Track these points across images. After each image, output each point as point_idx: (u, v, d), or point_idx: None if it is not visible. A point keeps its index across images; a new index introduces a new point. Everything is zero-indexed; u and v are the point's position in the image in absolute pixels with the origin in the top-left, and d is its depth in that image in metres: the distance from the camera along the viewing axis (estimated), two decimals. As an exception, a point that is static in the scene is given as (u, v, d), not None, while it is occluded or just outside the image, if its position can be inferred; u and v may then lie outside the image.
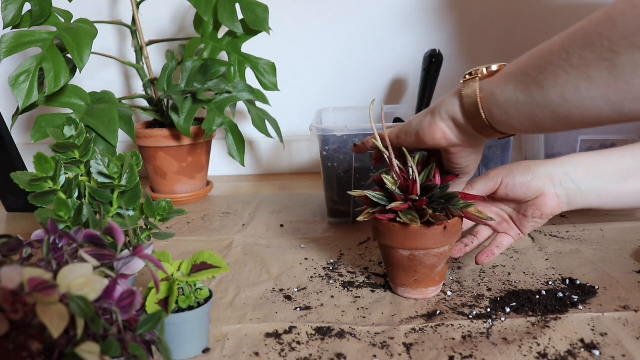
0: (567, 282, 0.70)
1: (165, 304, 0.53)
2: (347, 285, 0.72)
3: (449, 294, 0.68)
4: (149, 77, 1.12)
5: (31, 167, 1.14)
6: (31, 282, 0.37)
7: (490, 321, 0.61)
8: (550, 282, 0.70)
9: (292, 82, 1.27)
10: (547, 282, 0.70)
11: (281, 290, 0.71)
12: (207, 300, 0.57)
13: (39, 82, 0.93)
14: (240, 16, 1.08)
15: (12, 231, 0.99)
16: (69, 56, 0.96)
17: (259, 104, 1.15)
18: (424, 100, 1.04)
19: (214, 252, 0.57)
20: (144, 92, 1.14)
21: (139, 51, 1.11)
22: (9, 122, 1.05)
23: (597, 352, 0.54)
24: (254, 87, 1.08)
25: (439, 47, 1.21)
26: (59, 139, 0.64)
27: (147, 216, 0.66)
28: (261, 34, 1.10)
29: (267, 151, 1.34)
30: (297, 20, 1.26)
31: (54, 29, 0.96)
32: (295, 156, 1.34)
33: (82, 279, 0.40)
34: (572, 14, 1.21)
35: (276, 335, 0.60)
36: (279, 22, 1.21)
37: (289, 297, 0.69)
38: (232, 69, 1.08)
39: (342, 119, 1.11)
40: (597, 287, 0.68)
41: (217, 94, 1.05)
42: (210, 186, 1.17)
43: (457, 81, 0.58)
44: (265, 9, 1.07)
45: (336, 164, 0.90)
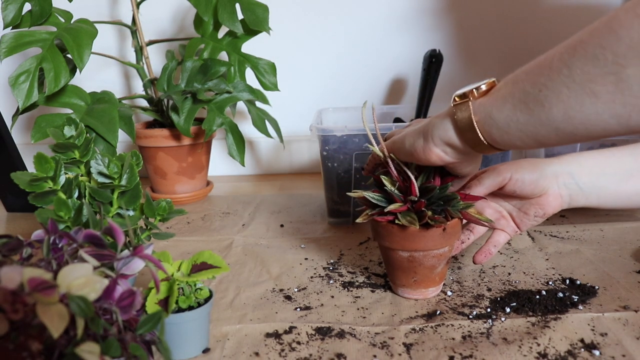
0: (567, 282, 0.70)
1: (165, 304, 0.53)
2: (347, 285, 0.72)
3: (449, 294, 0.68)
4: (149, 77, 1.12)
5: (31, 167, 1.14)
6: (31, 282, 0.37)
7: (490, 321, 0.61)
8: (550, 282, 0.70)
9: (292, 82, 1.27)
10: (547, 282, 0.70)
11: (281, 290, 0.71)
12: (207, 300, 0.57)
13: (39, 82, 0.93)
14: (240, 16, 1.08)
15: (12, 231, 0.99)
16: (69, 56, 0.96)
17: (259, 104, 1.15)
18: (424, 100, 1.04)
19: (214, 252, 0.57)
20: (144, 92, 1.14)
21: (139, 51, 1.11)
22: (9, 122, 1.05)
23: (597, 352, 0.54)
24: (254, 87, 1.08)
25: (438, 47, 1.21)
26: (59, 139, 0.64)
27: (147, 216, 0.66)
28: (261, 34, 1.10)
29: (267, 151, 1.34)
30: (297, 20, 1.26)
31: (54, 29, 0.96)
32: (295, 156, 1.34)
33: (82, 279, 0.40)
34: (570, 14, 1.21)
35: (276, 335, 0.60)
36: (279, 22, 1.21)
37: (289, 297, 0.69)
38: (232, 69, 1.08)
39: (342, 119, 1.11)
40: (597, 287, 0.68)
41: (217, 94, 1.05)
42: (210, 186, 1.17)
43: (457, 81, 0.57)
44: (265, 9, 1.07)
45: (336, 164, 0.90)
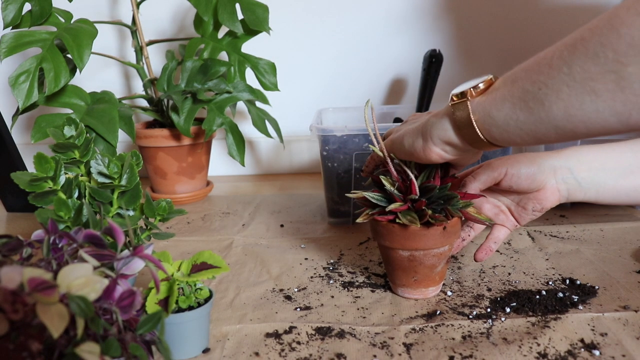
0: (567, 282, 0.70)
1: (165, 304, 0.53)
2: (347, 285, 0.72)
3: (449, 294, 0.68)
4: (149, 77, 1.12)
5: (31, 167, 1.14)
6: (31, 282, 0.37)
7: (490, 321, 0.61)
8: (550, 282, 0.70)
9: (292, 82, 1.28)
10: (547, 282, 0.70)
11: (281, 290, 0.71)
12: (207, 300, 0.57)
13: (39, 82, 0.93)
14: (240, 16, 1.08)
15: (12, 231, 0.99)
16: (69, 56, 0.96)
17: (259, 104, 1.15)
18: (424, 100, 1.04)
19: (214, 252, 0.57)
20: (144, 92, 1.14)
21: (139, 51, 1.11)
22: (9, 122, 1.05)
23: (597, 352, 0.54)
24: (254, 87, 1.08)
25: (438, 47, 1.21)
26: (59, 139, 0.64)
27: (147, 216, 0.66)
28: (261, 34, 1.10)
29: (267, 151, 1.34)
30: (297, 20, 1.26)
31: (54, 29, 0.96)
32: (295, 156, 1.34)
33: (82, 279, 0.40)
34: (570, 14, 1.21)
35: (276, 335, 0.60)
36: (279, 22, 1.21)
37: (289, 297, 0.69)
38: (232, 69, 1.08)
39: (342, 119, 1.11)
40: (597, 287, 0.68)
41: (217, 94, 1.05)
42: (210, 186, 1.17)
43: (457, 81, 0.57)
44: (265, 9, 1.07)
45: (336, 164, 0.90)
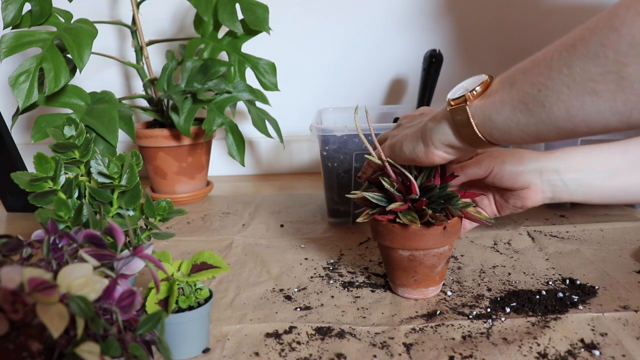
0: (567, 282, 0.70)
1: (165, 304, 0.53)
2: (347, 285, 0.72)
3: (449, 294, 0.68)
4: (149, 77, 1.12)
5: (31, 167, 1.14)
6: (31, 282, 0.37)
7: (490, 321, 0.61)
8: (550, 282, 0.70)
9: (292, 82, 1.27)
10: (547, 282, 0.70)
11: (281, 290, 0.71)
12: (207, 300, 0.57)
13: (39, 82, 0.93)
14: (240, 16, 1.08)
15: (12, 231, 0.99)
16: (69, 56, 0.96)
17: (259, 104, 1.15)
18: (424, 100, 1.04)
19: (214, 252, 0.57)
20: (144, 92, 1.14)
21: (139, 51, 1.11)
22: (9, 122, 1.05)
23: (597, 352, 0.54)
24: (254, 87, 1.08)
25: (438, 47, 1.21)
26: (59, 139, 0.64)
27: (147, 216, 0.66)
28: (261, 34, 1.10)
29: (267, 151, 1.34)
30: (297, 20, 1.26)
31: (54, 29, 0.96)
32: (295, 156, 1.34)
33: (82, 279, 0.40)
34: (570, 14, 1.21)
35: (276, 335, 0.60)
36: (279, 22, 1.21)
37: (289, 297, 0.69)
38: (232, 69, 1.08)
39: (342, 119, 1.11)
40: (597, 287, 0.68)
41: (217, 94, 1.05)
42: (210, 186, 1.17)
43: (457, 81, 0.57)
44: (265, 9, 1.07)
45: (336, 164, 0.90)
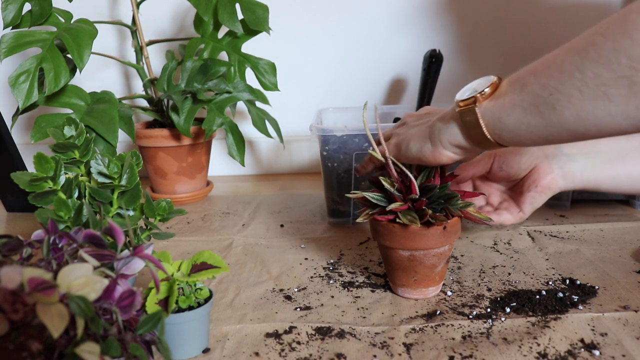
0: (567, 282, 0.70)
1: (165, 304, 0.53)
2: (347, 285, 0.72)
3: (449, 294, 0.68)
4: (149, 77, 1.12)
5: (31, 167, 1.14)
6: (31, 282, 0.37)
7: (490, 321, 0.61)
8: (550, 282, 0.70)
9: (292, 82, 1.27)
10: (547, 282, 0.70)
11: (281, 290, 0.71)
12: (207, 300, 0.57)
13: (39, 82, 0.93)
14: (240, 16, 1.08)
15: (12, 231, 0.99)
16: (69, 56, 0.96)
17: (259, 104, 1.15)
18: (424, 100, 1.04)
19: (214, 252, 0.57)
20: (144, 92, 1.14)
21: (139, 51, 1.11)
22: (9, 122, 1.05)
23: (597, 352, 0.54)
24: (254, 87, 1.08)
25: (439, 47, 1.21)
26: (59, 139, 0.64)
27: (147, 216, 0.66)
28: (261, 34, 1.10)
29: (267, 151, 1.34)
30: (297, 20, 1.26)
31: (54, 29, 0.96)
32: (295, 156, 1.34)
33: (82, 279, 0.40)
34: (570, 14, 1.21)
35: (276, 335, 0.60)
36: (279, 22, 1.21)
37: (289, 297, 0.69)
38: (232, 69, 1.08)
39: (342, 119, 1.11)
40: (597, 287, 0.68)
41: (217, 94, 1.05)
42: (210, 186, 1.17)
43: (457, 81, 0.57)
44: (265, 9, 1.07)
45: (336, 164, 0.90)
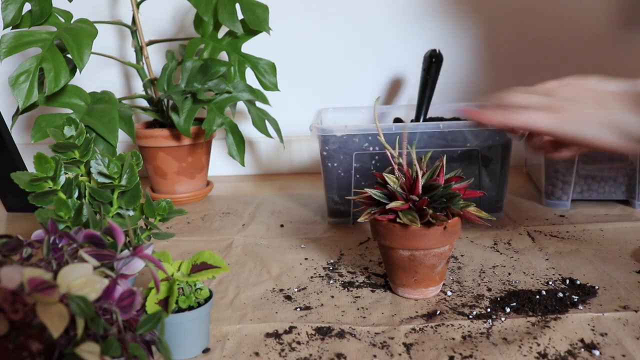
0: (567, 282, 0.70)
1: (165, 304, 0.53)
2: (347, 285, 0.72)
3: (449, 294, 0.68)
4: (149, 77, 1.12)
5: (31, 167, 1.14)
6: (31, 282, 0.37)
7: (490, 321, 0.61)
8: (550, 282, 0.70)
9: (292, 82, 1.27)
10: (547, 282, 0.70)
11: (281, 290, 0.71)
12: (207, 300, 0.57)
13: (39, 82, 0.93)
14: (240, 16, 1.08)
15: (12, 231, 0.99)
16: (69, 56, 0.96)
17: (259, 104, 1.15)
18: (424, 100, 1.04)
19: (214, 252, 0.57)
20: (144, 92, 1.14)
21: (139, 51, 1.11)
22: (9, 122, 1.05)
23: (597, 352, 0.54)
24: (254, 87, 1.08)
25: (439, 47, 1.21)
26: (59, 139, 0.64)
27: (147, 216, 0.66)
28: (261, 34, 1.10)
29: (267, 151, 1.34)
30: (297, 20, 1.26)
31: (54, 29, 0.96)
32: (295, 156, 1.34)
33: (82, 279, 0.40)
34: (571, 13, 1.21)
35: (276, 335, 0.60)
36: (279, 22, 1.21)
37: (289, 297, 0.69)
38: (232, 69, 1.08)
39: (342, 119, 1.11)
40: (597, 287, 0.68)
41: (217, 94, 1.05)
42: (210, 186, 1.17)
43: (458, 81, 0.57)
44: (265, 9, 1.07)
45: (336, 164, 0.90)
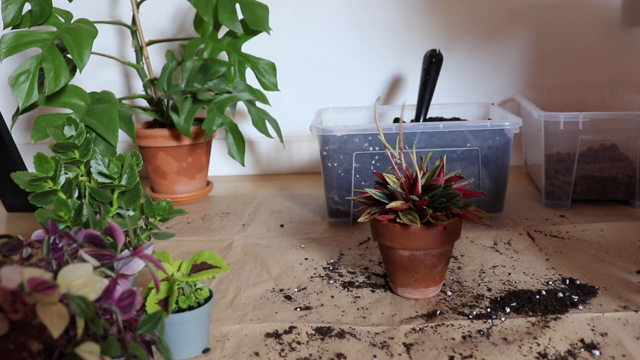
0: (567, 282, 0.70)
1: (165, 304, 0.53)
2: (347, 285, 0.72)
3: (449, 294, 0.68)
4: (149, 77, 1.12)
5: (31, 167, 1.14)
6: (31, 282, 0.37)
7: (490, 321, 0.61)
8: (550, 282, 0.70)
9: (292, 82, 1.27)
10: (547, 282, 0.70)
11: (281, 290, 0.71)
12: (207, 300, 0.57)
13: (39, 82, 0.93)
14: (240, 16, 1.08)
15: (12, 231, 0.99)
16: (69, 56, 0.96)
17: (259, 104, 1.15)
18: (424, 100, 1.04)
19: (214, 252, 0.57)
20: (144, 92, 1.14)
21: (139, 51, 1.10)
22: (9, 122, 1.05)
23: (597, 352, 0.54)
24: (254, 87, 1.08)
25: (439, 47, 1.21)
26: (59, 139, 0.64)
27: (147, 216, 0.66)
28: (261, 34, 1.10)
29: (267, 151, 1.34)
30: (298, 20, 1.26)
31: (54, 29, 0.96)
32: (295, 156, 1.34)
33: (82, 279, 0.40)
34: (571, 13, 1.21)
35: (276, 335, 0.60)
36: (279, 22, 1.21)
37: (289, 297, 0.69)
38: (232, 69, 1.07)
39: (342, 119, 1.11)
40: (597, 287, 0.68)
41: (217, 94, 1.05)
42: (210, 186, 1.17)
43: (457, 81, 0.57)
44: (265, 9, 1.07)
45: (336, 164, 0.90)
